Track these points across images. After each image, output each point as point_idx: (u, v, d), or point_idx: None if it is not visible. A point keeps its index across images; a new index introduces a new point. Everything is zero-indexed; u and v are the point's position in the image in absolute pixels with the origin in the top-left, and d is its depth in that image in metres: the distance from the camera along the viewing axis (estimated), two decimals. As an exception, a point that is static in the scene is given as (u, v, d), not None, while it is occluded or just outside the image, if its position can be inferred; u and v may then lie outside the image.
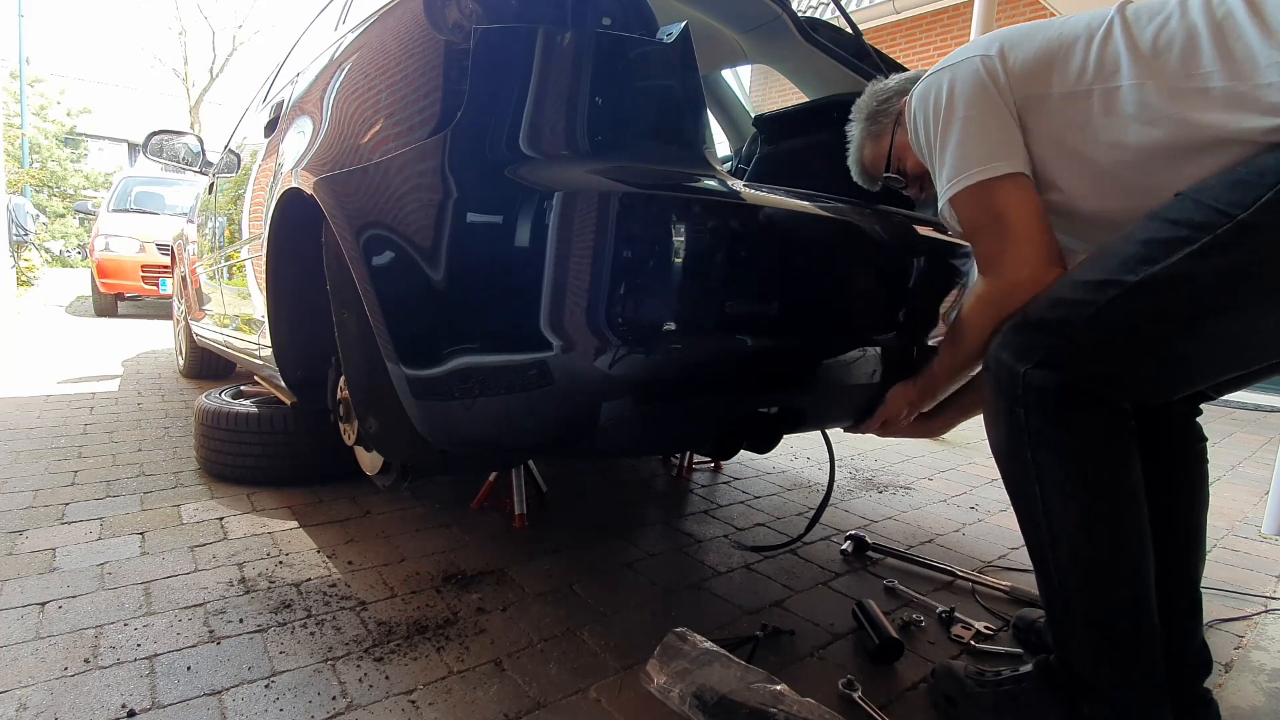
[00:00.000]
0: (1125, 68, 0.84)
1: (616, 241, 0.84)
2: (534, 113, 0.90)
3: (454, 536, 1.58)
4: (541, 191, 0.86)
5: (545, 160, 0.89)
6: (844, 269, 1.09)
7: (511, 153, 0.89)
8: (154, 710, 0.93)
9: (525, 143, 0.89)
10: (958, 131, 0.93)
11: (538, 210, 0.86)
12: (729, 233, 0.91)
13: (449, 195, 0.91)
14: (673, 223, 0.86)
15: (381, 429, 1.24)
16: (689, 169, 0.95)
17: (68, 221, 15.61)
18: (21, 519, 1.59)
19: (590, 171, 0.87)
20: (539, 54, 0.90)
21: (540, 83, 0.90)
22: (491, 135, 0.90)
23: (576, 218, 0.84)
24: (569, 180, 0.86)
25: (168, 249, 5.11)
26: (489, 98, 0.91)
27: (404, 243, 0.95)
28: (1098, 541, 0.83)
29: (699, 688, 0.94)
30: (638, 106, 0.95)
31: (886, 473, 2.37)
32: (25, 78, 14.23)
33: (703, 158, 0.97)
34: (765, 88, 8.12)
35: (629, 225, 0.84)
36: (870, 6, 6.66)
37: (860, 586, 1.44)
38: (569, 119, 0.91)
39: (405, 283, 0.96)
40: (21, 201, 8.93)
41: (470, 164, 0.90)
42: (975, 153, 0.91)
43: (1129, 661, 0.84)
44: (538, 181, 0.87)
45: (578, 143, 0.90)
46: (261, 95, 2.46)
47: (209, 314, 2.69)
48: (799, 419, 1.18)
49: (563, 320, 0.86)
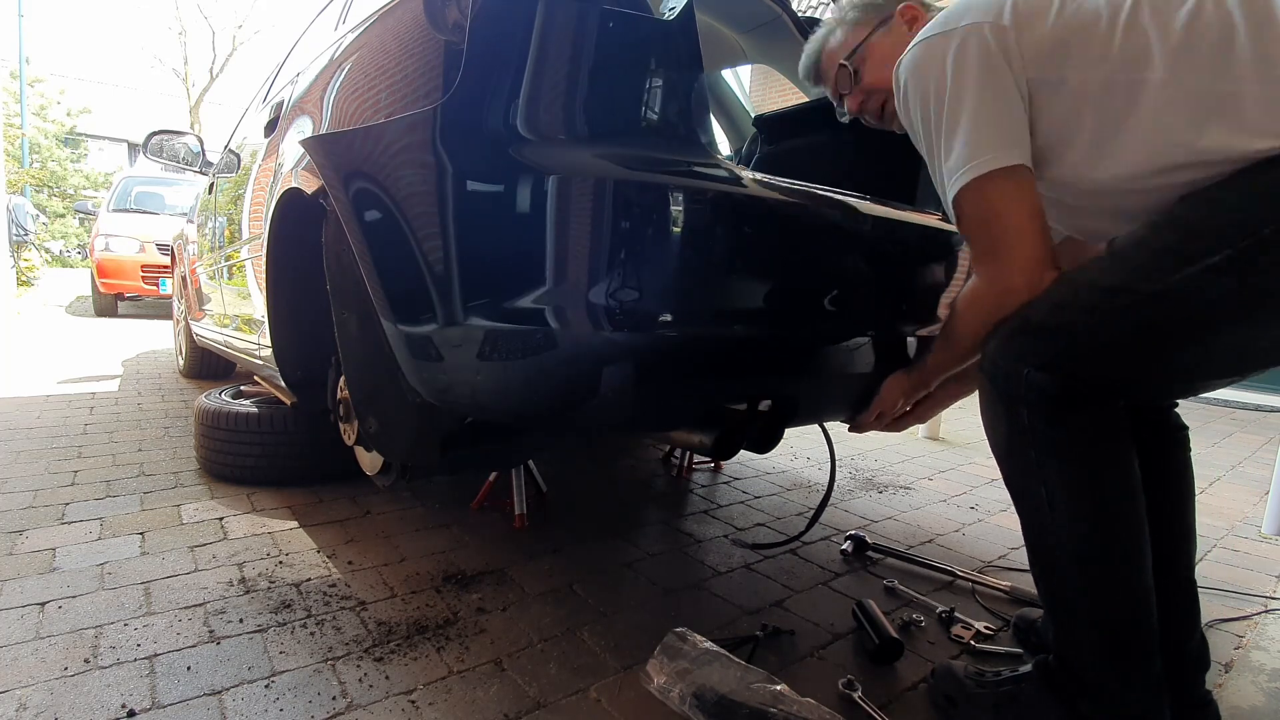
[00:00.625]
0: (1156, 58, 0.77)
1: (609, 221, 0.85)
2: (529, 92, 0.89)
3: (454, 536, 1.58)
4: (536, 172, 0.85)
5: (540, 141, 0.89)
6: (839, 259, 1.09)
7: (509, 131, 0.88)
8: (154, 710, 0.93)
9: (521, 123, 0.89)
10: (967, 116, 0.85)
11: (532, 190, 0.85)
12: (723, 217, 0.91)
13: (444, 170, 0.90)
14: (658, 205, 0.86)
15: (381, 429, 1.24)
16: (681, 154, 0.95)
17: (68, 221, 15.62)
18: (21, 519, 1.59)
19: (584, 154, 0.88)
20: (536, 30, 0.89)
21: (537, 62, 0.89)
22: (488, 113, 0.89)
23: (570, 198, 0.85)
24: (562, 162, 0.86)
25: (168, 249, 5.11)
26: (483, 76, 0.90)
27: (401, 214, 0.95)
28: (1099, 542, 0.83)
29: (699, 688, 0.94)
30: (635, 86, 0.94)
31: (886, 473, 2.37)
32: (25, 78, 14.23)
33: (698, 139, 0.97)
34: (765, 88, 8.12)
35: (620, 206, 0.85)
36: (870, 6, 6.66)
37: (860, 586, 1.44)
38: (565, 99, 0.90)
39: (399, 251, 0.96)
40: (21, 201, 8.93)
41: (466, 140, 0.89)
42: (986, 141, 0.84)
43: (1129, 661, 0.84)
44: (533, 162, 0.87)
45: (572, 124, 0.90)
46: (261, 95, 2.46)
47: (209, 314, 2.69)
48: (793, 408, 1.18)
49: (557, 300, 0.86)
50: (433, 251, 0.90)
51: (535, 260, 0.86)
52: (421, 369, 0.99)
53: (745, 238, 0.95)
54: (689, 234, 0.88)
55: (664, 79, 0.95)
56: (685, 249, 0.89)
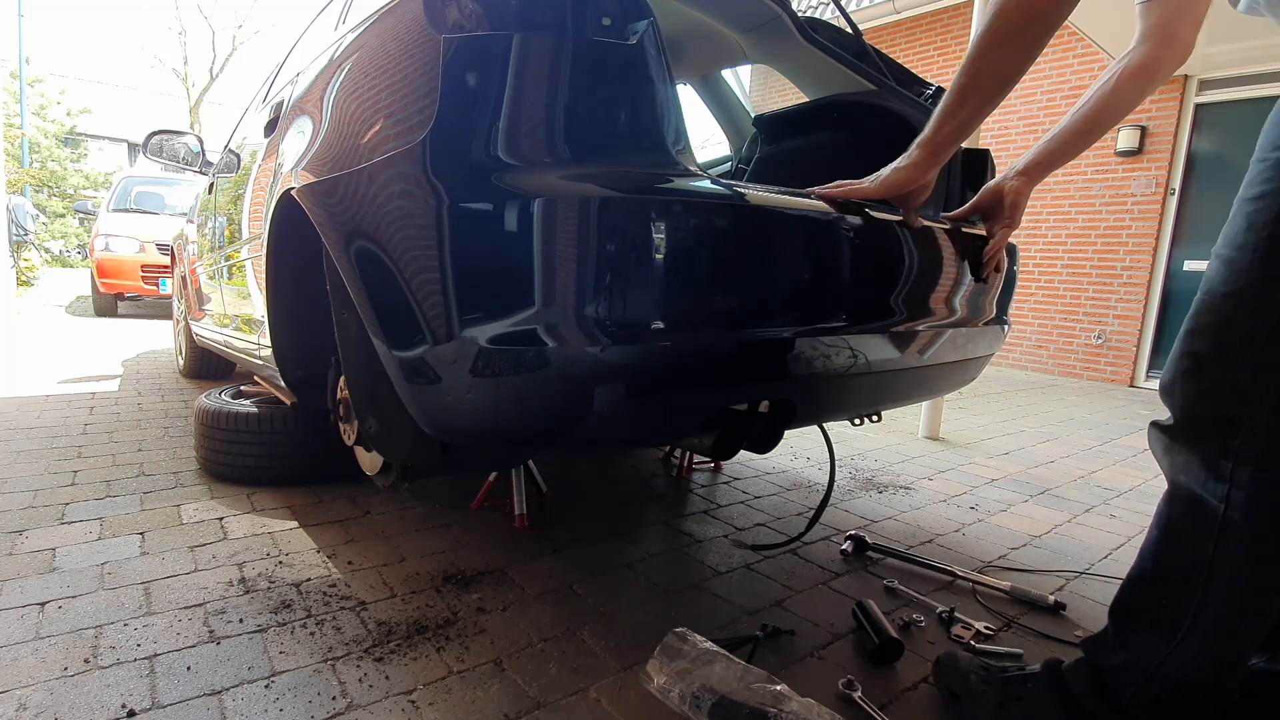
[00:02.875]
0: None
1: (594, 239, 0.87)
2: (510, 116, 0.92)
3: (454, 536, 1.58)
4: (522, 196, 0.88)
5: (525, 166, 0.91)
6: (823, 261, 1.09)
7: (490, 159, 0.91)
8: (154, 710, 0.93)
9: (504, 149, 0.92)
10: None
11: (519, 213, 0.88)
12: (699, 225, 0.93)
13: (440, 199, 0.92)
14: (636, 220, 0.88)
15: (381, 429, 1.24)
16: (655, 169, 0.96)
17: (68, 221, 15.62)
18: (21, 519, 1.59)
19: (561, 177, 0.91)
20: (514, 59, 0.92)
21: (516, 88, 0.92)
22: (475, 140, 0.92)
23: (555, 218, 0.87)
24: (544, 186, 0.89)
25: (168, 249, 5.11)
26: (466, 102, 0.93)
27: (391, 238, 0.97)
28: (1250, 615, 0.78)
29: (699, 688, 0.94)
30: (603, 108, 0.96)
31: (886, 473, 2.37)
32: (25, 78, 14.22)
33: (671, 154, 0.99)
34: (765, 88, 8.12)
35: (602, 223, 0.88)
36: (870, 6, 6.65)
37: (860, 586, 1.44)
38: (546, 123, 0.93)
39: (386, 277, 0.99)
40: (21, 201, 8.93)
41: (455, 167, 0.93)
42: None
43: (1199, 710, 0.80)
44: (518, 187, 0.89)
45: (554, 147, 0.93)
46: (261, 95, 2.46)
47: (209, 314, 2.69)
48: (792, 409, 1.19)
49: (551, 318, 0.88)
50: (425, 280, 0.93)
51: (528, 281, 0.88)
52: (418, 394, 1.00)
53: (725, 244, 0.96)
54: (670, 244, 0.90)
55: (634, 97, 0.97)
56: (669, 258, 0.91)
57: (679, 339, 0.93)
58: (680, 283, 0.92)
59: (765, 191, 1.05)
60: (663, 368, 0.95)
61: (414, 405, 1.02)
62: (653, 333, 0.91)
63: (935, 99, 1.76)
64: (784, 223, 1.04)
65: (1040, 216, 5.76)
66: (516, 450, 1.31)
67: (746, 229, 0.99)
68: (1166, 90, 5.02)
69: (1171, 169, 5.10)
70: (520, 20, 0.93)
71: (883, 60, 1.79)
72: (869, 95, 1.74)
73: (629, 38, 0.96)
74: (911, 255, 1.20)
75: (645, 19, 0.97)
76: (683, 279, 0.92)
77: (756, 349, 1.03)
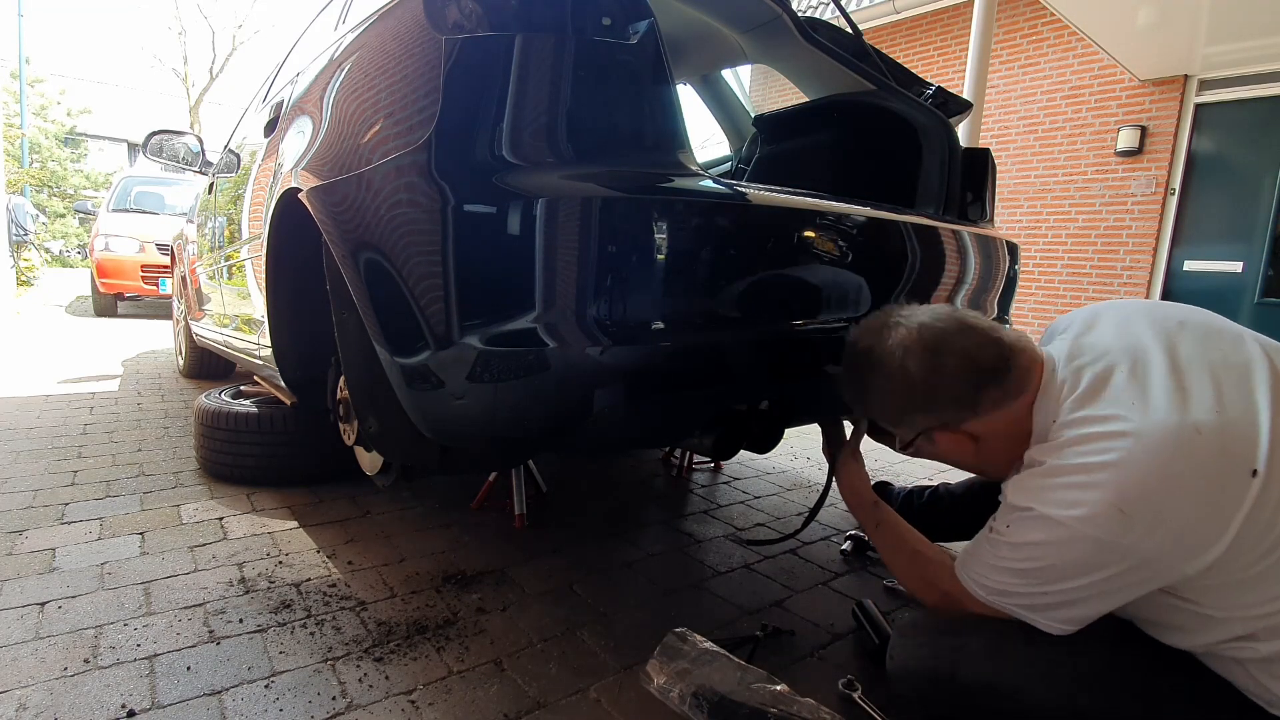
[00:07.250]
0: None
1: (597, 239, 0.87)
2: (512, 117, 0.92)
3: (454, 536, 1.58)
4: (525, 196, 0.88)
5: (527, 166, 0.91)
6: (822, 260, 1.10)
7: (493, 160, 0.91)
8: (154, 710, 0.93)
9: (506, 149, 0.92)
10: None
11: (523, 213, 0.88)
12: (704, 229, 0.93)
13: (446, 200, 0.92)
14: (635, 220, 0.88)
15: (381, 429, 1.24)
16: (656, 168, 0.96)
17: (68, 221, 15.62)
18: (21, 519, 1.59)
19: (563, 176, 0.91)
20: (514, 60, 0.92)
21: (517, 88, 0.92)
22: (477, 141, 0.92)
23: (557, 218, 0.88)
24: (547, 186, 0.89)
25: (167, 249, 5.10)
26: (467, 103, 0.93)
27: (395, 240, 0.97)
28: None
29: (699, 688, 0.94)
30: (604, 108, 0.96)
31: (886, 473, 2.37)
32: (25, 78, 14.22)
33: (673, 154, 0.98)
34: (765, 88, 8.12)
35: (605, 223, 0.88)
36: (870, 6, 6.65)
37: (860, 586, 1.44)
38: (547, 123, 0.93)
39: (387, 277, 0.99)
40: (21, 201, 8.92)
41: (458, 167, 0.92)
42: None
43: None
44: (521, 187, 0.89)
45: (556, 147, 0.92)
46: (261, 95, 2.46)
47: (209, 314, 2.69)
48: (791, 409, 1.19)
49: (549, 319, 0.88)
50: (428, 281, 0.92)
51: (531, 282, 0.88)
52: (419, 399, 1.00)
53: (727, 244, 0.96)
54: (672, 244, 0.90)
55: (635, 97, 0.97)
56: (671, 258, 0.91)
57: (680, 339, 0.93)
58: (682, 282, 0.92)
59: (766, 191, 1.05)
60: (663, 368, 0.95)
61: (415, 410, 1.02)
62: (654, 333, 0.91)
63: (935, 99, 1.76)
64: (785, 222, 1.04)
65: (1040, 216, 5.75)
66: (517, 451, 1.31)
67: (748, 229, 0.99)
68: (1167, 90, 5.01)
69: (1172, 169, 5.10)
70: (521, 20, 0.93)
71: (883, 60, 1.79)
72: (869, 95, 1.74)
73: (630, 38, 0.96)
74: (914, 254, 1.20)
75: (646, 19, 0.97)
76: (684, 279, 0.92)
77: (757, 349, 1.03)
